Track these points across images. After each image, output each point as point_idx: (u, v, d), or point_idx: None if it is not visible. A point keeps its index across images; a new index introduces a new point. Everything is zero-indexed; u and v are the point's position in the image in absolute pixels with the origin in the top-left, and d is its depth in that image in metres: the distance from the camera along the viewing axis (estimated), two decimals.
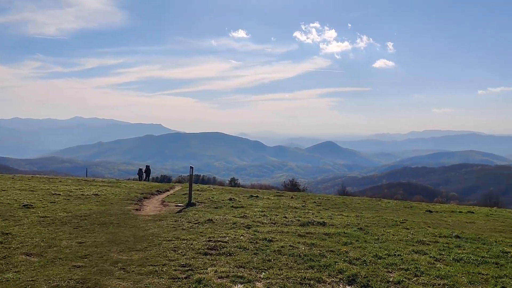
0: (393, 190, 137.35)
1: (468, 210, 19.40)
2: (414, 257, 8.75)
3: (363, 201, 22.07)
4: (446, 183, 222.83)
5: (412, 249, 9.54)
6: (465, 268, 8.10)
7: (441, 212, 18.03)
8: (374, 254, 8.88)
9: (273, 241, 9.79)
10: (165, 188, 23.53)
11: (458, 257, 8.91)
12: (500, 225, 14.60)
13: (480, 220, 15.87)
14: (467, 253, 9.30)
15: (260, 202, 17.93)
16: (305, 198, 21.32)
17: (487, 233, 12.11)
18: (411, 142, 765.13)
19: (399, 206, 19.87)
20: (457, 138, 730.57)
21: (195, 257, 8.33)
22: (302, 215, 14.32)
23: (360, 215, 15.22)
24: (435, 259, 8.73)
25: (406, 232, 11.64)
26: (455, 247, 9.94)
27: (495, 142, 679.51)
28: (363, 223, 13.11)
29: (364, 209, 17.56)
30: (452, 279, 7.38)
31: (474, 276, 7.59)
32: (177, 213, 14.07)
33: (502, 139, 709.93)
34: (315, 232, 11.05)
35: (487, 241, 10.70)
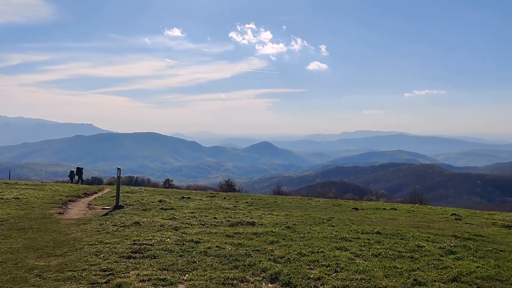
0: (327, 189, 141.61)
1: (391, 207, 20.41)
2: (336, 254, 9.06)
3: (294, 200, 22.56)
4: (376, 181, 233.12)
5: (335, 245, 9.88)
6: (382, 262, 8.51)
7: (366, 210, 18.82)
8: (299, 252, 9.10)
9: (200, 243, 9.75)
10: (93, 191, 22.70)
11: (377, 252, 9.34)
12: (419, 221, 15.47)
13: (402, 216, 16.73)
14: (386, 248, 9.77)
15: (191, 203, 17.79)
16: (238, 198, 21.43)
17: (406, 229, 12.78)
18: (344, 142, 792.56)
19: (328, 205, 20.51)
20: (386, 139, 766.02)
21: (118, 261, 8.12)
22: (232, 215, 14.37)
23: (289, 214, 15.52)
24: (355, 254, 9.10)
25: (331, 230, 12.02)
26: (375, 242, 10.41)
27: (420, 142, 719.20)
28: (291, 221, 13.38)
29: (294, 208, 17.94)
30: (369, 273, 7.72)
31: (389, 270, 7.99)
32: (103, 216, 13.63)
33: (427, 139, 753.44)
34: (243, 232, 11.13)
35: (405, 236, 11.30)
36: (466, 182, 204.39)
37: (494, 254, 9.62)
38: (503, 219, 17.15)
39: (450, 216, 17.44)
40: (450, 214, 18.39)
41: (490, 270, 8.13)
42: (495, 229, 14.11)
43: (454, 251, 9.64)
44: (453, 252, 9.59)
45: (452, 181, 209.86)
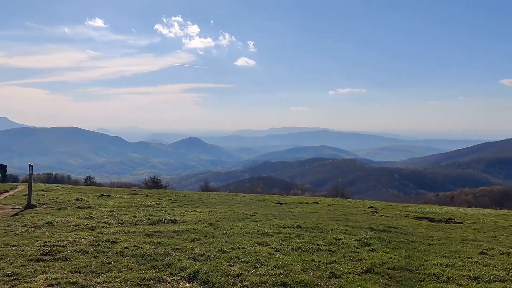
0: (255, 184, 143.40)
1: (314, 201, 20.95)
2: (256, 249, 9.08)
3: (220, 196, 22.45)
4: (301, 176, 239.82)
5: (256, 241, 9.90)
6: (301, 256, 8.64)
7: (290, 204, 19.16)
8: (219, 249, 9.01)
9: (117, 243, 9.33)
10: (4, 189, 21.06)
11: (296, 246, 9.48)
12: (339, 214, 16.00)
13: (323, 210, 17.21)
14: (305, 242, 9.96)
15: (111, 201, 17.06)
16: (161, 195, 20.92)
17: (325, 222, 13.14)
18: (271, 138, 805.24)
19: (253, 200, 20.63)
20: (311, 134, 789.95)
21: (25, 265, 7.55)
22: (154, 213, 13.96)
23: (213, 210, 15.38)
24: (276, 249, 9.17)
25: (254, 225, 12.06)
26: (295, 236, 10.57)
27: (343, 138, 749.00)
28: (215, 218, 13.26)
29: (219, 204, 17.83)
30: (288, 268, 7.81)
31: (307, 263, 8.14)
32: (12, 216, 12.66)
33: (349, 135, 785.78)
34: (164, 231, 10.83)
35: (324, 230, 11.61)
36: (385, 176, 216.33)
37: (405, 244, 10.15)
38: (415, 211, 18.23)
39: (367, 209, 18.22)
40: (368, 207, 19.22)
41: (401, 261, 8.54)
42: (408, 220, 14.91)
43: (369, 243, 10.04)
44: (368, 244, 9.99)
45: (372, 175, 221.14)
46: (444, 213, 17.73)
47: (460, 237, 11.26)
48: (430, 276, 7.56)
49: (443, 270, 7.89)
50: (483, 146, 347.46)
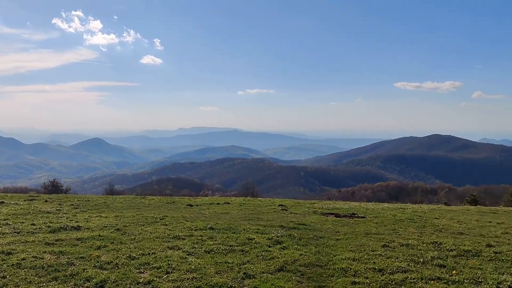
0: (163, 186, 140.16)
1: (225, 201, 20.93)
2: (168, 254, 8.79)
3: (127, 199, 21.57)
4: (212, 176, 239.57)
5: (167, 245, 9.59)
6: (214, 258, 8.52)
7: (201, 205, 18.93)
8: (128, 255, 8.58)
9: (13, 254, 8.51)
10: None
11: (209, 248, 9.33)
12: (250, 213, 16.12)
13: (234, 210, 17.23)
14: (218, 243, 9.85)
15: (4, 208, 15.59)
16: (62, 200, 19.59)
17: (238, 222, 13.15)
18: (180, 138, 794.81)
19: (162, 202, 20.09)
20: (221, 135, 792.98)
21: None
22: (54, 220, 12.99)
23: (120, 215, 14.69)
24: (188, 253, 8.95)
25: (164, 229, 11.70)
26: (208, 238, 10.42)
27: (252, 137, 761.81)
28: (122, 223, 12.65)
29: (126, 208, 17.10)
30: (201, 271, 7.64)
31: (221, 265, 8.03)
32: None
33: (258, 135, 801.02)
34: (66, 239, 10.08)
35: (236, 230, 11.59)
36: (292, 174, 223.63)
37: (315, 241, 10.45)
38: (322, 207, 18.95)
39: (278, 207, 18.58)
40: (278, 205, 19.62)
41: (311, 257, 8.76)
42: (315, 217, 15.43)
43: (281, 241, 10.20)
44: (280, 242, 10.14)
45: (280, 173, 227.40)
46: (348, 208, 18.63)
47: (364, 231, 11.87)
48: (339, 270, 7.83)
49: (351, 264, 8.23)
50: (380, 144, 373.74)
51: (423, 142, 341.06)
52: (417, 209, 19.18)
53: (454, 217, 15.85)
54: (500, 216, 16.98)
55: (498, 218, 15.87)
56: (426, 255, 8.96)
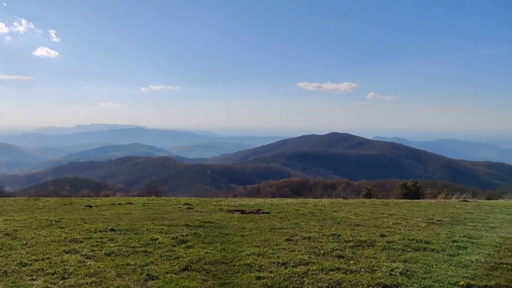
0: (60, 187, 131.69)
1: (127, 201, 20.16)
2: (64, 258, 8.22)
3: (18, 202, 19.89)
4: (113, 176, 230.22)
5: (63, 249, 8.97)
6: (115, 261, 8.13)
7: (101, 206, 18.04)
8: (19, 262, 7.89)
9: None
10: None
11: (110, 251, 8.89)
12: (154, 213, 15.67)
13: (137, 210, 16.65)
14: (119, 245, 9.42)
15: None
16: None
17: (141, 223, 12.70)
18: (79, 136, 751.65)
19: (58, 204, 18.83)
20: (124, 132, 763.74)
21: None
22: None
23: (10, 218, 13.48)
24: (87, 256, 8.45)
25: (60, 232, 10.94)
26: (108, 240, 9.93)
27: (157, 135, 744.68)
28: (12, 227, 11.61)
29: (17, 211, 15.77)
30: (101, 275, 7.25)
31: (122, 268, 7.69)
32: None
33: (163, 133, 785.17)
34: None
35: (139, 231, 11.18)
36: (198, 172, 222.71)
37: (220, 238, 10.43)
38: (228, 204, 19.03)
39: (183, 206, 18.30)
40: (183, 203, 19.33)
41: (217, 255, 8.72)
42: (222, 214, 15.43)
43: (186, 240, 10.03)
44: (185, 241, 9.97)
45: (186, 172, 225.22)
46: (254, 204, 18.92)
47: (268, 226, 12.10)
48: (244, 266, 7.88)
49: (256, 259, 8.32)
50: (284, 142, 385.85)
51: (324, 140, 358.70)
52: (318, 203, 20.03)
53: (351, 210, 16.78)
54: (391, 208, 18.29)
55: (389, 210, 17.07)
56: (326, 247, 9.36)
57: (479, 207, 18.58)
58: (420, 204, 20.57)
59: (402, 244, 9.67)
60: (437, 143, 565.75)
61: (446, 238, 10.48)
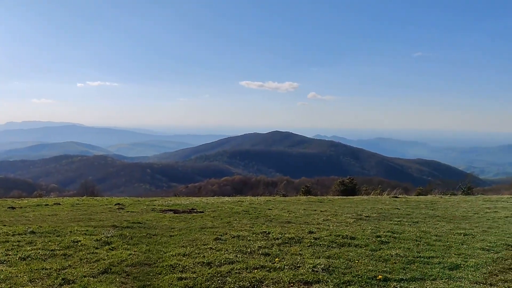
0: None
1: (55, 202, 19.22)
2: None
3: None
4: (47, 175, 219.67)
5: None
6: (30, 265, 7.68)
7: (25, 207, 17.07)
8: None
9: None
10: None
11: (26, 254, 8.39)
12: (82, 214, 15.03)
13: (64, 211, 15.90)
14: (37, 248, 8.92)
15: None
16: None
17: (65, 224, 12.12)
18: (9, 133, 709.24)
19: None
20: (58, 130, 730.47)
21: None
22: None
23: None
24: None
25: None
26: (26, 244, 9.38)
27: (94, 133, 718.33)
28: None
29: None
30: (12, 280, 6.83)
31: (37, 272, 7.27)
32: None
33: (100, 131, 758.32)
34: None
35: (62, 233, 10.65)
36: (137, 171, 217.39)
37: (147, 239, 10.14)
38: (162, 204, 18.65)
39: (114, 206, 17.71)
40: (115, 204, 18.71)
41: (141, 256, 8.46)
42: (153, 214, 15.06)
43: (110, 242, 9.67)
44: (109, 242, 9.60)
45: (124, 171, 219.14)
46: (189, 204, 18.66)
47: (199, 226, 11.94)
48: (167, 267, 7.69)
49: (180, 260, 8.15)
50: (227, 140, 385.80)
51: (266, 138, 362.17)
52: (254, 201, 20.11)
53: (285, 207, 16.97)
54: (324, 204, 18.70)
55: (322, 207, 17.45)
56: (254, 245, 9.36)
57: (406, 203, 19.43)
58: (352, 200, 21.21)
59: (328, 240, 9.86)
60: (374, 141, 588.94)
61: (371, 234, 10.81)
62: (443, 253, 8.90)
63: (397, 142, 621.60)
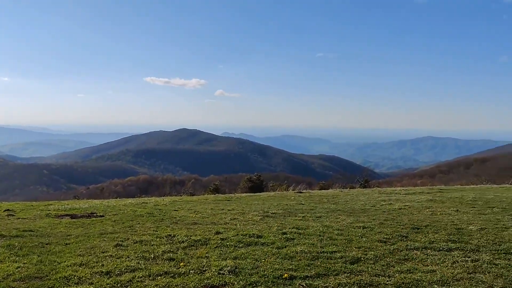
0: None
1: None
2: None
3: None
4: None
5: None
6: None
7: None
8: None
9: None
10: None
11: None
12: None
13: None
14: None
15: None
16: None
17: None
18: None
19: None
20: None
21: None
22: None
23: None
24: None
25: None
26: None
27: None
28: None
29: None
30: None
31: None
32: None
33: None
34: None
35: None
36: (33, 172, 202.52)
37: (39, 249, 9.24)
38: (58, 208, 17.28)
39: (2, 213, 16.07)
40: (4, 210, 17.00)
41: (31, 268, 7.66)
42: (47, 220, 13.87)
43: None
44: None
45: (18, 173, 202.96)
46: (88, 207, 17.52)
47: (98, 232, 11.18)
48: (61, 280, 7.02)
49: (76, 270, 7.50)
50: (131, 138, 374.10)
51: (172, 136, 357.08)
52: (159, 202, 19.46)
53: (192, 208, 16.62)
54: (232, 202, 18.65)
55: (230, 205, 17.36)
56: (158, 250, 8.94)
57: (310, 198, 20.06)
58: (260, 197, 21.44)
59: (235, 240, 9.74)
60: (280, 138, 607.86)
61: (277, 231, 10.90)
62: (345, 247, 9.19)
63: (302, 139, 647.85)
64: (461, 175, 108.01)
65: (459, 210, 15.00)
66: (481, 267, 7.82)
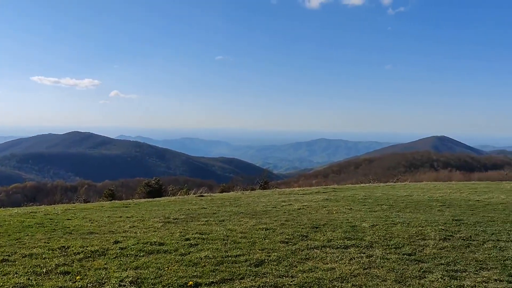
0: None
1: None
2: None
3: None
4: None
5: None
6: None
7: None
8: None
9: None
10: None
11: None
12: None
13: None
14: None
15: None
16: None
17: None
18: None
19: None
20: None
21: None
22: None
23: None
24: None
25: None
26: None
27: None
28: None
29: None
30: None
31: None
32: None
33: None
34: None
35: None
36: None
37: None
38: None
39: None
40: None
41: None
42: None
43: None
44: None
45: None
46: None
47: None
48: None
49: None
50: (16, 142, 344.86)
51: (63, 139, 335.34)
52: (50, 211, 18.02)
53: (87, 216, 15.64)
54: (130, 209, 17.89)
55: (128, 212, 16.63)
56: (51, 263, 8.23)
57: (212, 201, 19.97)
58: (159, 202, 20.84)
59: (135, 249, 9.32)
60: (180, 141, 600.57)
61: (180, 237, 10.65)
62: (249, 250, 9.25)
63: (202, 142, 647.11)
64: (352, 175, 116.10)
65: (352, 208, 15.97)
66: (375, 262, 8.36)
